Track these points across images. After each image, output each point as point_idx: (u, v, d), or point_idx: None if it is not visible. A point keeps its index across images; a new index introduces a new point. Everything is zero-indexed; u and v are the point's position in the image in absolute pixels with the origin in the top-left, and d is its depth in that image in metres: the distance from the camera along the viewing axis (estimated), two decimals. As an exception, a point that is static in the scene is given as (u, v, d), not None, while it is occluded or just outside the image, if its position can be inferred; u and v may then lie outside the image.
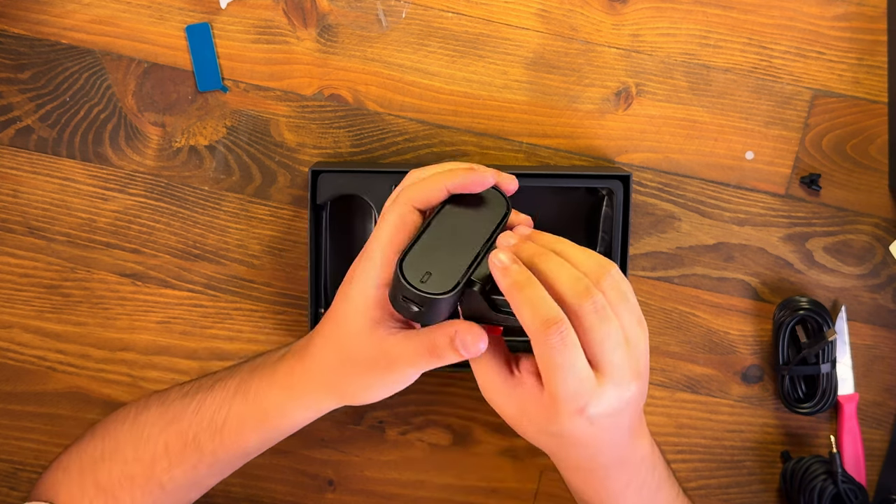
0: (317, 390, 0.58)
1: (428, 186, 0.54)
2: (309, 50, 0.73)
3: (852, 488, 0.73)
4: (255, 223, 0.75)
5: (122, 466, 0.62)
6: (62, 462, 0.65)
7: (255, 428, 0.60)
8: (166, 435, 0.61)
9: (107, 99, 0.73)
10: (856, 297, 0.76)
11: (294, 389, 0.59)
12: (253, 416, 0.60)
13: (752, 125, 0.74)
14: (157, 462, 0.61)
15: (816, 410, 0.75)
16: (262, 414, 0.60)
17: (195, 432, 0.60)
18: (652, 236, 0.75)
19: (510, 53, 0.73)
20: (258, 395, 0.59)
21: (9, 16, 0.72)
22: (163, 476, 0.61)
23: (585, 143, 0.74)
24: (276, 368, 0.60)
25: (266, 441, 0.62)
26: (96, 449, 0.63)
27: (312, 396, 0.59)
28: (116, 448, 0.62)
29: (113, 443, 0.63)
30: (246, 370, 0.62)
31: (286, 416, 0.60)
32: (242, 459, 0.63)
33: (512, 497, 0.78)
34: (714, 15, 0.73)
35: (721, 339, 0.76)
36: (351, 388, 0.57)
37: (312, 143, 0.74)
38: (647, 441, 0.58)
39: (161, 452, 0.61)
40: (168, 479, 0.61)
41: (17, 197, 0.74)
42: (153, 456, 0.61)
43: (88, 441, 0.64)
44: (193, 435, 0.60)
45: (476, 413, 0.77)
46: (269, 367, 0.60)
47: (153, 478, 0.61)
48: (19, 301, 0.75)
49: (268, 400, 0.59)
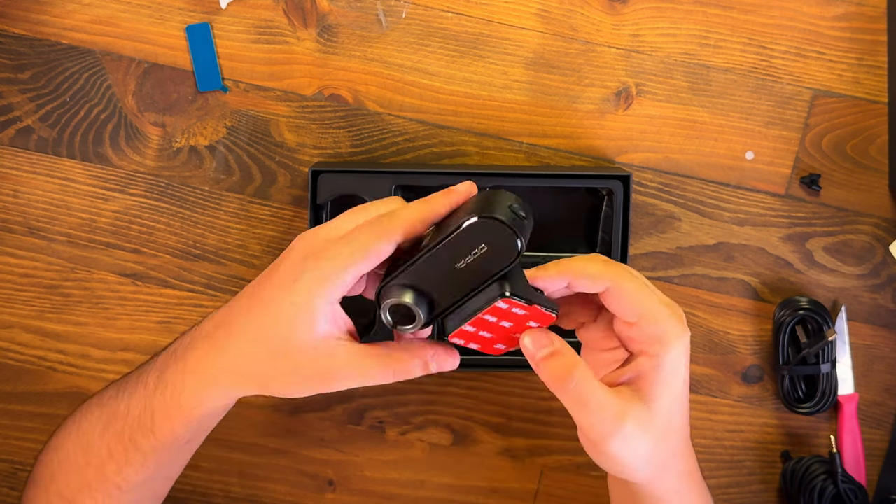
0: (233, 378, 0.56)
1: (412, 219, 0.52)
2: (309, 50, 0.73)
3: (852, 488, 0.73)
4: (256, 223, 0.75)
5: (77, 475, 0.61)
6: (33, 476, 0.65)
7: (181, 421, 0.58)
8: (107, 438, 0.60)
9: (107, 99, 0.73)
10: (856, 297, 0.76)
11: (206, 375, 0.56)
12: (175, 410, 0.58)
13: (752, 125, 0.74)
14: (106, 465, 0.60)
15: (816, 410, 0.75)
16: (182, 407, 0.58)
17: (130, 434, 0.59)
18: (652, 236, 0.75)
19: (510, 53, 0.73)
20: (175, 388, 0.57)
21: (9, 16, 0.72)
22: (116, 478, 0.60)
23: (585, 143, 0.74)
24: (187, 356, 0.57)
25: (200, 430, 0.60)
26: (52, 461, 0.63)
27: (227, 383, 0.56)
28: (67, 458, 0.62)
29: (63, 453, 0.62)
30: (160, 362, 0.60)
31: (203, 405, 0.57)
32: (188, 450, 0.62)
33: (512, 497, 0.78)
34: (714, 15, 0.73)
35: (721, 339, 0.76)
36: (277, 384, 0.55)
37: (312, 143, 0.74)
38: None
39: (107, 456, 0.60)
40: (122, 480, 0.60)
41: (18, 197, 0.74)
42: (101, 460, 0.60)
43: (45, 453, 0.64)
44: (129, 436, 0.59)
45: (476, 413, 0.77)
46: (179, 354, 0.58)
47: (108, 481, 0.61)
48: (19, 301, 0.75)
49: (184, 392, 0.57)
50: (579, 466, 0.77)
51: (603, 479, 0.77)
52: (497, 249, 0.50)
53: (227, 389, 0.56)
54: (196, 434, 0.60)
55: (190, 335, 0.59)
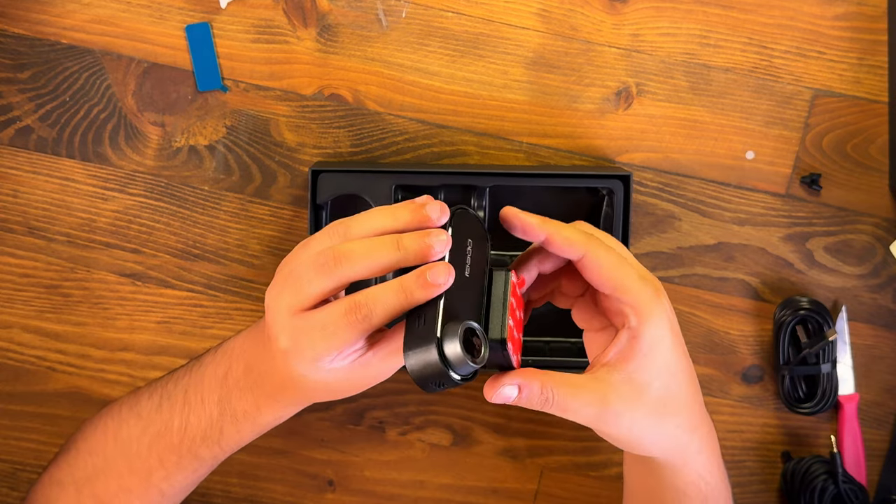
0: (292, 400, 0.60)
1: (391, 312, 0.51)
2: (309, 50, 0.73)
3: (853, 488, 0.73)
4: (255, 223, 0.74)
5: (118, 480, 0.62)
6: (54, 477, 0.65)
7: (250, 433, 0.61)
8: (158, 450, 0.61)
9: (107, 99, 0.73)
10: (856, 297, 0.76)
11: (272, 398, 0.59)
12: (248, 425, 0.61)
13: (752, 125, 0.74)
14: (154, 473, 0.61)
15: (817, 410, 0.75)
16: (256, 424, 0.61)
17: (188, 446, 0.61)
18: (652, 236, 0.75)
19: (510, 53, 0.73)
20: (247, 412, 0.60)
21: (9, 16, 0.72)
22: (161, 484, 0.62)
23: (585, 143, 0.74)
24: (248, 381, 0.59)
25: (261, 434, 0.63)
26: (87, 465, 0.64)
27: (283, 403, 0.60)
28: (107, 465, 0.63)
29: (102, 460, 0.63)
30: (217, 381, 0.61)
31: (271, 415, 0.61)
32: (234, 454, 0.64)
33: (512, 497, 0.77)
34: (714, 15, 0.73)
35: (721, 339, 0.76)
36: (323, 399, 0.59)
37: (312, 142, 0.74)
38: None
39: (156, 465, 0.61)
40: (167, 486, 0.62)
41: (17, 197, 0.74)
42: (148, 468, 0.61)
43: (75, 456, 0.65)
44: (188, 448, 0.61)
45: (476, 413, 0.77)
46: (241, 378, 0.60)
47: (151, 487, 0.62)
48: (19, 301, 0.75)
49: (261, 415, 0.60)
50: (579, 466, 0.77)
51: (602, 479, 0.78)
52: (477, 238, 0.53)
53: (290, 404, 0.60)
54: (254, 439, 0.63)
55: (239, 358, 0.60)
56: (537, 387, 0.50)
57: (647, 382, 0.52)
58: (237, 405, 0.59)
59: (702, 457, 0.58)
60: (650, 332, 0.52)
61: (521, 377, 0.50)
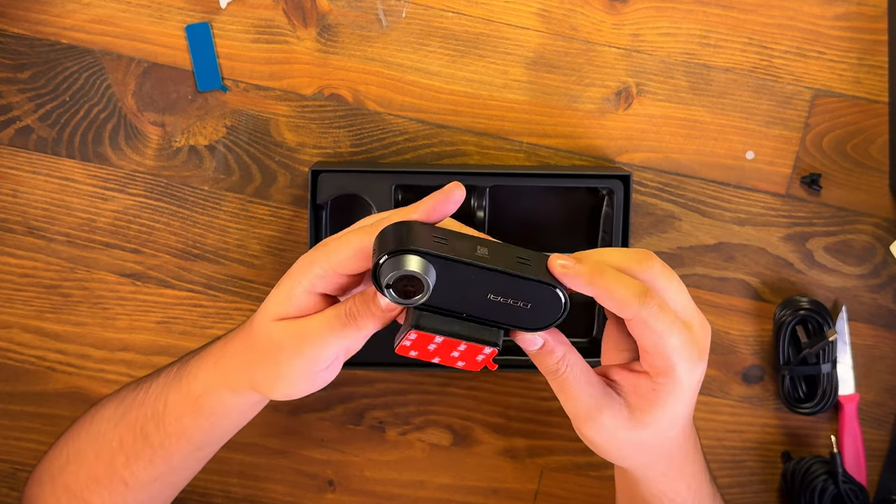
0: (238, 372, 0.56)
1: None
2: (309, 50, 0.73)
3: (853, 488, 0.73)
4: (255, 223, 0.74)
5: (87, 468, 0.61)
6: (34, 476, 0.65)
7: (190, 413, 0.58)
8: (120, 429, 0.60)
9: (106, 99, 0.73)
10: (856, 297, 0.76)
11: (219, 366, 0.56)
12: (186, 399, 0.58)
13: (752, 125, 0.74)
14: (115, 458, 0.60)
15: (817, 410, 0.75)
16: (193, 396, 0.57)
17: (142, 423, 0.59)
18: (652, 236, 0.75)
19: (510, 53, 0.73)
20: (189, 376, 0.57)
21: (9, 16, 0.72)
22: (123, 472, 0.60)
23: (586, 143, 0.74)
24: (210, 348, 0.58)
25: (209, 430, 0.59)
26: (61, 455, 0.63)
27: (235, 376, 0.56)
28: (78, 450, 0.62)
29: (75, 446, 0.62)
30: (188, 356, 0.60)
31: (212, 395, 0.57)
32: (195, 452, 0.61)
33: (512, 497, 0.77)
34: (714, 15, 0.73)
35: (722, 339, 0.76)
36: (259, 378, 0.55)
37: (312, 142, 0.74)
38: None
39: (117, 448, 0.60)
40: (129, 475, 0.60)
41: (17, 197, 0.74)
42: (111, 453, 0.60)
43: (53, 450, 0.64)
44: (141, 426, 0.59)
45: (476, 413, 0.77)
46: (205, 348, 0.59)
47: (115, 475, 0.60)
48: (19, 301, 0.75)
49: (197, 381, 0.57)
50: (579, 466, 0.77)
51: (602, 479, 0.78)
52: (538, 311, 0.48)
53: (236, 384, 0.56)
54: (201, 436, 0.60)
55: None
56: (560, 352, 0.50)
57: (647, 424, 0.52)
58: (188, 367, 0.58)
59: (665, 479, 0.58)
60: (673, 396, 0.51)
61: (552, 336, 0.50)
